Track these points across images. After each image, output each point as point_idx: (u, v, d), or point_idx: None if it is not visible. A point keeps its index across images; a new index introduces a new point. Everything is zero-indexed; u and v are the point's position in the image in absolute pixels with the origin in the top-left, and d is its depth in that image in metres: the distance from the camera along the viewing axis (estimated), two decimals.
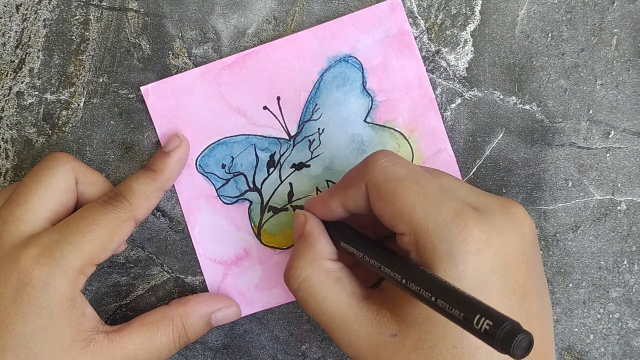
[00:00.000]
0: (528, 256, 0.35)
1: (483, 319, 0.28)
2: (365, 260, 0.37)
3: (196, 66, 0.46)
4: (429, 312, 0.34)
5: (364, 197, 0.37)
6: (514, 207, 0.37)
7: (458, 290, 0.31)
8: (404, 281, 0.33)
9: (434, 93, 0.45)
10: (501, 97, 0.45)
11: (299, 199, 0.46)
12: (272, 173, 0.46)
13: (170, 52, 0.46)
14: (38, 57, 0.46)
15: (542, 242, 0.45)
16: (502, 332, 0.27)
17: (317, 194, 0.46)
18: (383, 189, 0.36)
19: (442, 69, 0.45)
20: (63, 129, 0.46)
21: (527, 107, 0.45)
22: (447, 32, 0.45)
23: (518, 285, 0.34)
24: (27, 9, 0.46)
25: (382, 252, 0.36)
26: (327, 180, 0.46)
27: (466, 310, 0.29)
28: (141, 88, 0.46)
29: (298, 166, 0.46)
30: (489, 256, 0.34)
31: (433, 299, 0.31)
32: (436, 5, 0.45)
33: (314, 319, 0.38)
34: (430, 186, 0.35)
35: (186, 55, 0.46)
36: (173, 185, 0.46)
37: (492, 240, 0.34)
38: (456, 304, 0.30)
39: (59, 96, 0.46)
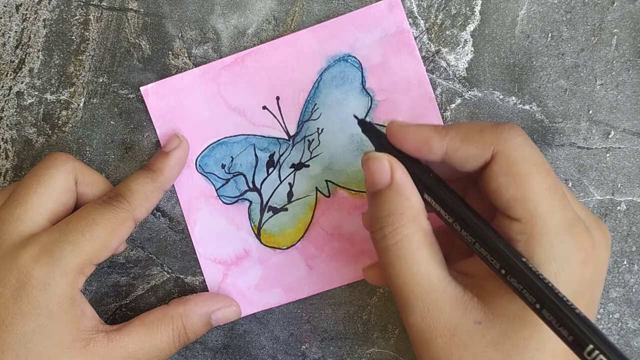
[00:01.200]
0: (605, 276, 0.36)
1: (597, 352, 0.27)
2: (457, 229, 0.34)
3: (196, 66, 0.46)
4: (519, 309, 0.33)
5: (483, 161, 0.34)
6: (604, 225, 0.36)
7: (571, 305, 0.29)
8: (505, 273, 0.32)
9: (434, 93, 0.45)
10: (501, 97, 0.45)
11: (299, 198, 0.46)
12: (271, 173, 0.46)
13: (170, 52, 0.46)
14: (38, 57, 0.46)
15: None
16: None
17: (316, 194, 0.46)
18: (515, 167, 0.33)
19: (442, 69, 0.45)
20: (63, 129, 0.46)
21: (527, 107, 0.45)
22: (447, 32, 0.45)
23: (597, 300, 0.35)
24: (27, 9, 0.46)
25: (482, 228, 0.33)
26: (326, 180, 0.46)
27: (581, 334, 0.28)
28: (141, 88, 0.46)
29: (297, 166, 0.46)
30: (590, 269, 0.33)
31: (538, 306, 0.30)
32: (436, 5, 0.45)
33: (392, 278, 0.35)
34: (559, 184, 0.34)
35: (186, 55, 0.46)
36: (173, 186, 0.46)
37: (595, 254, 0.34)
38: (568, 323, 0.29)
39: (59, 96, 0.46)
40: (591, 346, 0.27)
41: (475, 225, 0.34)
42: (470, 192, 0.38)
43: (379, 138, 0.38)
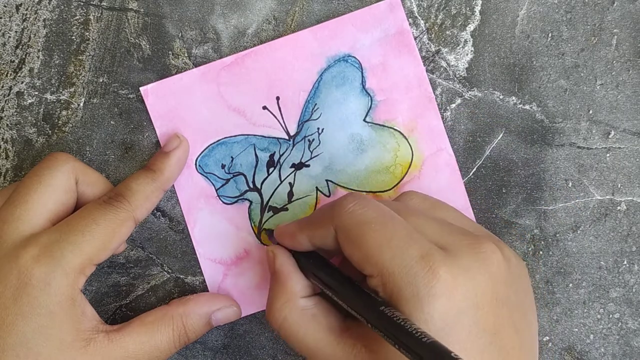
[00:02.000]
0: (498, 294, 0.35)
1: None
2: (333, 296, 0.38)
3: (196, 66, 0.46)
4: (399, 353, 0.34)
5: (333, 238, 0.37)
6: (483, 245, 0.36)
7: (419, 335, 0.31)
8: (369, 324, 0.34)
9: (434, 93, 0.45)
10: (501, 97, 0.45)
11: (299, 198, 0.46)
12: (271, 173, 0.46)
13: (170, 52, 0.46)
14: (38, 57, 0.46)
15: (542, 242, 0.45)
16: None
17: (316, 194, 0.46)
18: (351, 234, 0.36)
19: (442, 69, 0.45)
20: (63, 129, 0.46)
21: (527, 107, 0.45)
22: (447, 32, 0.45)
23: (488, 324, 0.34)
24: (27, 9, 0.46)
25: (350, 289, 0.37)
26: (326, 180, 0.46)
27: (427, 358, 0.30)
28: (141, 89, 0.46)
29: (298, 166, 0.46)
30: (456, 298, 0.33)
31: (396, 345, 0.32)
32: (436, 5, 0.45)
33: (298, 353, 0.40)
34: (397, 228, 0.35)
35: (186, 55, 0.46)
36: (173, 186, 0.46)
37: (459, 281, 0.34)
38: (417, 351, 0.30)
39: (59, 96, 0.46)
40: None
41: (341, 292, 0.37)
42: None
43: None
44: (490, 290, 0.35)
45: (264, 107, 0.46)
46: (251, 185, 0.46)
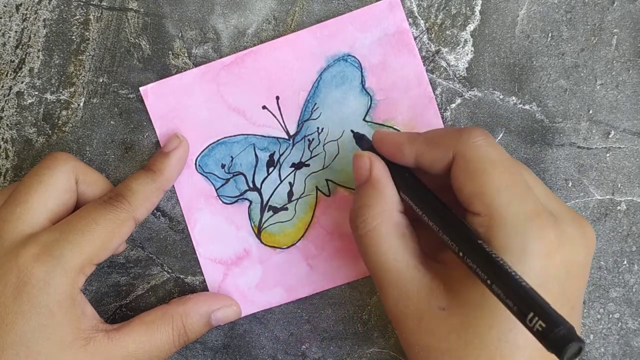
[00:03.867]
0: (586, 270, 0.36)
1: (536, 318, 0.28)
2: (425, 219, 0.37)
3: (196, 66, 0.46)
4: (483, 298, 0.34)
5: (446, 162, 0.37)
6: (585, 222, 0.37)
7: (519, 280, 0.30)
8: (462, 254, 0.33)
9: (434, 93, 0.45)
10: (501, 97, 0.45)
11: (299, 198, 0.46)
12: (271, 173, 0.46)
13: (170, 52, 0.46)
14: (38, 57, 0.46)
15: None
16: (559, 333, 0.28)
17: (316, 193, 0.46)
18: (472, 165, 0.35)
19: (442, 69, 0.45)
20: (63, 129, 0.46)
21: (527, 107, 0.45)
22: (447, 32, 0.45)
23: (572, 296, 0.35)
24: (27, 9, 0.46)
25: (446, 217, 0.36)
26: (326, 180, 0.46)
27: (522, 304, 0.29)
28: (140, 89, 0.46)
29: (297, 165, 0.46)
30: (555, 261, 0.34)
31: (489, 281, 0.31)
32: (436, 5, 0.45)
33: (368, 266, 0.38)
34: (518, 177, 0.35)
35: (186, 55, 0.46)
36: (173, 186, 0.46)
37: (563, 247, 0.34)
38: (514, 293, 0.30)
39: (59, 96, 0.46)
40: (532, 314, 0.29)
41: (437, 215, 0.36)
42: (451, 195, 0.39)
43: (369, 145, 0.42)
44: (583, 264, 0.35)
45: (264, 107, 0.46)
46: (251, 185, 0.46)
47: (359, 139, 0.43)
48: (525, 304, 0.29)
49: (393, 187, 0.39)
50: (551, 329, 0.28)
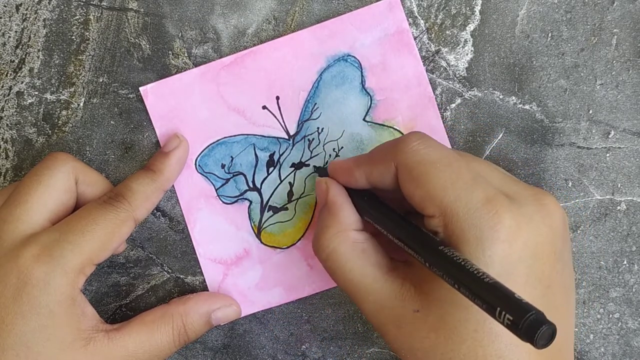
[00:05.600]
0: (556, 247, 0.35)
1: (504, 312, 0.28)
2: (388, 235, 0.37)
3: (196, 66, 0.46)
4: (452, 294, 0.34)
5: (392, 175, 0.37)
6: (546, 198, 0.36)
7: (482, 277, 0.30)
8: (426, 264, 0.34)
9: (434, 93, 0.45)
10: (501, 97, 0.45)
11: (299, 198, 0.46)
12: (271, 173, 0.46)
13: (170, 52, 0.46)
14: (38, 57, 0.46)
15: None
16: (527, 321, 0.28)
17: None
18: (414, 171, 0.36)
19: (442, 69, 0.45)
20: (63, 129, 0.46)
21: (527, 107, 0.45)
22: (447, 32, 0.45)
23: (544, 275, 0.34)
24: (27, 9, 0.46)
25: (407, 229, 0.36)
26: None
27: (488, 301, 0.29)
28: (140, 89, 0.46)
29: (297, 165, 0.46)
30: (518, 244, 0.34)
31: (456, 285, 0.31)
32: (436, 5, 0.45)
33: (339, 285, 0.39)
34: (462, 170, 0.35)
35: (186, 55, 0.46)
36: (173, 186, 0.46)
37: (522, 229, 0.34)
38: (479, 292, 0.30)
39: (59, 96, 0.46)
40: (498, 309, 0.29)
41: (397, 229, 0.37)
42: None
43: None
44: (549, 242, 0.35)
45: (264, 107, 0.46)
46: (251, 185, 0.46)
47: (320, 171, 0.45)
48: (491, 300, 0.29)
49: (349, 208, 0.40)
50: (519, 320, 0.28)
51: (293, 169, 0.46)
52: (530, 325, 0.27)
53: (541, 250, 0.34)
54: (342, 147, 0.45)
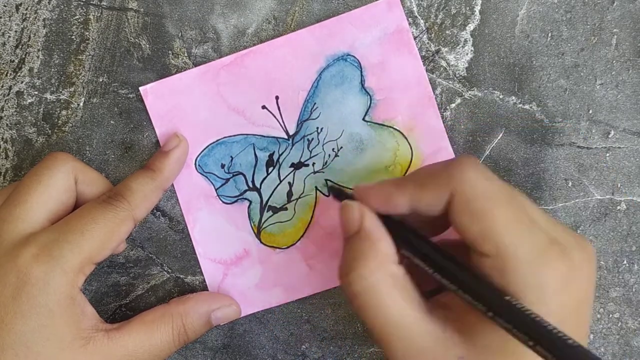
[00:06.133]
0: (593, 293, 0.35)
1: None
2: (436, 276, 0.34)
3: (196, 66, 0.46)
4: (503, 341, 0.32)
5: (442, 203, 0.34)
6: (587, 244, 0.35)
7: (562, 336, 0.29)
8: (490, 313, 0.32)
9: (434, 93, 0.45)
10: (501, 96, 0.45)
11: (299, 198, 0.46)
12: (271, 172, 0.46)
13: (170, 51, 0.46)
14: (38, 57, 0.46)
15: None
16: None
17: (316, 193, 0.46)
18: (473, 205, 0.33)
19: (442, 68, 0.45)
20: (63, 128, 0.46)
21: (527, 106, 0.45)
22: (447, 32, 0.45)
23: (585, 321, 0.34)
24: (27, 9, 0.46)
25: (459, 272, 0.34)
26: (326, 180, 0.46)
27: (557, 353, 0.29)
28: (140, 88, 0.46)
29: (297, 165, 0.46)
30: (571, 294, 0.33)
31: (530, 342, 0.30)
32: (436, 5, 0.45)
33: (367, 323, 0.35)
34: (522, 211, 0.34)
35: (186, 55, 0.46)
36: (172, 185, 0.46)
37: (574, 277, 0.33)
38: (561, 353, 0.29)
39: (59, 96, 0.46)
40: None
41: (452, 268, 0.34)
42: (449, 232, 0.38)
43: (349, 198, 0.39)
44: (592, 288, 0.34)
45: (263, 107, 0.46)
46: (251, 185, 0.46)
47: (338, 194, 0.41)
48: (560, 353, 0.29)
49: (388, 238, 0.36)
50: None
51: (292, 169, 0.46)
52: None
53: (585, 297, 0.34)
54: (341, 147, 0.46)
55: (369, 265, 0.35)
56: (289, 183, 0.46)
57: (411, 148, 0.45)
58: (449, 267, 0.34)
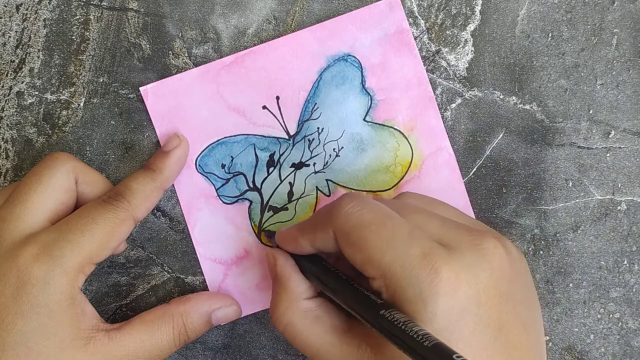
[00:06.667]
0: (501, 289, 0.35)
1: None
2: (336, 299, 0.38)
3: (196, 66, 0.46)
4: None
5: (333, 240, 0.37)
6: (485, 241, 0.36)
7: (421, 338, 0.31)
8: (373, 328, 0.34)
9: (434, 93, 0.45)
10: (501, 97, 0.45)
11: (299, 198, 0.46)
12: (271, 173, 0.46)
13: (170, 52, 0.46)
14: (38, 57, 0.46)
15: (543, 242, 0.45)
16: None
17: (316, 193, 0.46)
18: (351, 237, 0.36)
19: (442, 68, 0.45)
20: (63, 128, 0.46)
21: (528, 107, 0.45)
22: (448, 32, 0.45)
23: (492, 320, 0.34)
24: (27, 9, 0.46)
25: (350, 292, 0.36)
26: (326, 180, 0.46)
27: (425, 356, 0.30)
28: (140, 89, 0.46)
29: (298, 165, 0.46)
30: (459, 295, 0.33)
31: (401, 349, 0.31)
32: (436, 5, 0.45)
33: (304, 355, 0.40)
34: (397, 228, 0.35)
35: (186, 55, 0.46)
36: (173, 185, 0.46)
37: (462, 278, 0.33)
38: (422, 354, 0.30)
39: (59, 96, 0.46)
40: None
41: (344, 295, 0.37)
42: None
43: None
44: (492, 286, 0.34)
45: (264, 107, 0.46)
46: (251, 185, 0.46)
47: (270, 236, 0.45)
48: (416, 354, 0.30)
49: (297, 277, 0.40)
50: None
51: (293, 169, 0.46)
52: None
53: (485, 296, 0.34)
54: (342, 147, 0.46)
55: (282, 306, 0.39)
56: (290, 183, 0.46)
57: (411, 148, 0.45)
58: (341, 290, 0.37)
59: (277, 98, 0.45)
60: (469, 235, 0.36)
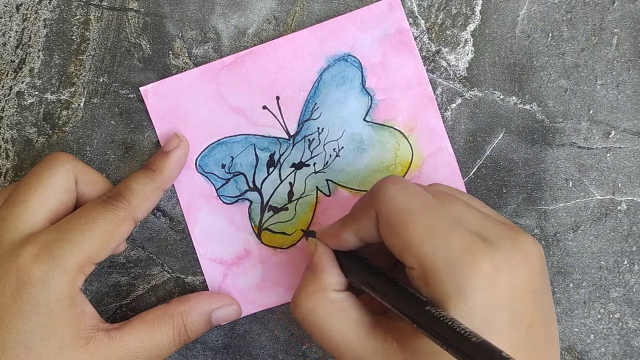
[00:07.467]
0: (535, 285, 0.35)
1: None
2: (376, 296, 0.37)
3: (196, 66, 0.46)
4: (433, 345, 0.33)
5: (375, 227, 0.37)
6: (523, 237, 0.36)
7: (468, 335, 0.30)
8: (415, 325, 0.33)
9: (435, 93, 0.45)
10: (501, 97, 0.45)
11: (299, 198, 0.46)
12: (272, 173, 0.46)
13: (170, 52, 0.46)
14: (38, 57, 0.46)
15: (543, 242, 0.45)
16: None
17: (317, 193, 0.46)
18: (392, 220, 0.35)
19: (442, 68, 0.45)
20: (63, 129, 0.46)
21: (528, 107, 0.45)
22: (448, 32, 0.45)
23: (526, 316, 0.34)
24: (27, 9, 0.46)
25: (393, 289, 0.36)
26: (326, 180, 0.46)
27: (471, 355, 0.30)
28: (140, 89, 0.46)
29: (298, 165, 0.46)
30: (497, 290, 0.33)
31: (444, 346, 0.31)
32: (436, 5, 0.45)
33: (318, 343, 0.38)
34: (439, 219, 0.35)
35: (186, 55, 0.46)
36: (173, 185, 0.46)
37: (501, 273, 0.33)
38: (467, 352, 0.30)
39: (59, 96, 0.46)
40: None
41: (384, 286, 0.37)
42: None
43: None
44: (528, 282, 0.35)
45: (264, 107, 0.46)
46: (251, 185, 0.46)
47: (310, 235, 0.44)
48: (463, 351, 0.30)
49: (332, 269, 0.39)
50: None
51: (293, 169, 0.46)
52: None
53: (521, 292, 0.34)
54: (342, 147, 0.46)
55: (306, 292, 0.38)
56: (290, 183, 0.46)
57: (412, 148, 0.45)
58: (383, 286, 0.37)
59: (277, 98, 0.45)
60: (506, 229, 0.36)
